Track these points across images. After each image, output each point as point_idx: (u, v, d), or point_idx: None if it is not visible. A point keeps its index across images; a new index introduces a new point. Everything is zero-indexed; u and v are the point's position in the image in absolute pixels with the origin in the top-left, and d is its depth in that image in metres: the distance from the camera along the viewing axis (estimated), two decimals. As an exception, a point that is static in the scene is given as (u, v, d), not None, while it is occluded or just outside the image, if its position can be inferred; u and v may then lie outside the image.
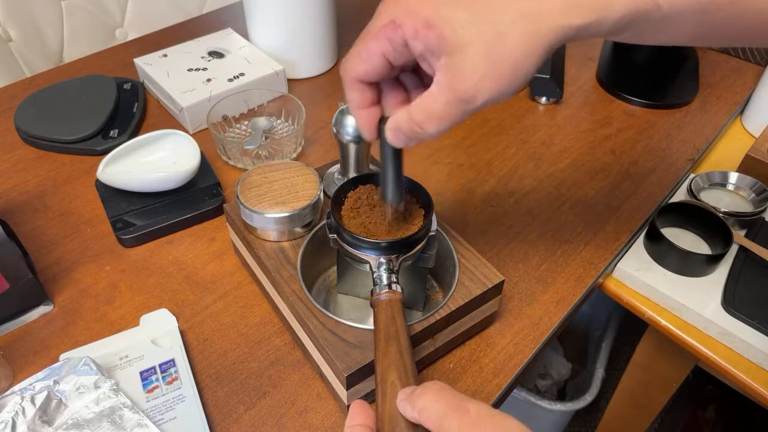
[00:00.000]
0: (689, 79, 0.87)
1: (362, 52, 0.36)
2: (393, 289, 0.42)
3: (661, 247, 0.61)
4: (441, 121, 0.35)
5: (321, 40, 0.84)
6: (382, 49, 0.35)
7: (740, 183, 0.68)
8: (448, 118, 0.35)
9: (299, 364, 0.51)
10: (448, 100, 0.34)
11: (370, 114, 0.39)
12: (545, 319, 0.55)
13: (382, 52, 0.35)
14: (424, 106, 0.35)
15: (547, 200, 0.68)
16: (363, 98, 0.38)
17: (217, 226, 0.63)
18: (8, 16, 0.99)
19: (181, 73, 0.78)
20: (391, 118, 0.38)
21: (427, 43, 0.33)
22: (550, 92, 0.81)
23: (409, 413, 0.33)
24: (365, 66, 0.36)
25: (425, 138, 0.37)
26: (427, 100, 0.35)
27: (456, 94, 0.34)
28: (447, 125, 0.36)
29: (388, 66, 0.36)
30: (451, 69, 0.33)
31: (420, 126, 0.36)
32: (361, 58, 0.36)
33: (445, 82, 0.34)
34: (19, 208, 0.65)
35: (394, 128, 0.38)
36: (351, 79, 0.38)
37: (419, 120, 0.36)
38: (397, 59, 0.36)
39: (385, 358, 0.37)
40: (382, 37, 0.35)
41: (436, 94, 0.35)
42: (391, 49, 0.35)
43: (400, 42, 0.34)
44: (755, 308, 0.57)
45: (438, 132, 0.36)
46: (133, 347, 0.51)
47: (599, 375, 1.01)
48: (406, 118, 0.36)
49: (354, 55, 0.37)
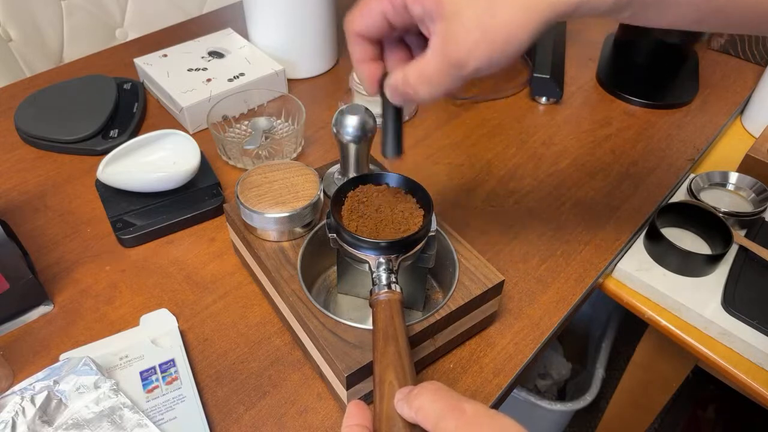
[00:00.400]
0: (689, 79, 0.87)
1: (364, 10, 0.38)
2: (392, 289, 0.42)
3: (661, 247, 0.61)
4: (433, 85, 0.36)
5: (321, 40, 0.84)
6: (382, 8, 0.37)
7: (740, 183, 0.68)
8: (439, 83, 0.36)
9: (299, 364, 0.51)
10: (440, 64, 0.35)
11: (371, 69, 0.41)
12: (545, 319, 0.55)
13: (383, 11, 0.37)
14: (418, 68, 0.37)
15: (547, 200, 0.68)
16: (363, 52, 0.40)
17: (217, 226, 0.63)
18: (8, 16, 0.99)
19: (181, 73, 0.78)
20: (389, 76, 0.39)
21: (425, 7, 0.35)
22: (550, 92, 0.81)
23: (406, 413, 0.33)
24: (366, 22, 0.38)
25: (418, 101, 0.38)
26: (420, 63, 0.36)
27: (448, 59, 0.35)
28: (438, 90, 0.36)
29: (388, 25, 0.38)
30: (445, 34, 0.34)
31: (412, 88, 0.37)
32: (362, 14, 0.38)
33: (439, 47, 0.35)
34: (19, 208, 0.65)
35: (391, 87, 0.39)
36: (352, 34, 0.39)
37: (412, 81, 0.37)
38: (397, 20, 0.37)
39: (384, 358, 0.37)
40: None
41: (429, 58, 0.36)
42: (391, 10, 0.36)
43: (400, 4, 0.36)
44: (755, 308, 0.57)
45: (429, 96, 0.37)
46: (133, 347, 0.51)
47: (599, 375, 1.01)
48: (401, 79, 0.38)
49: (356, 12, 0.38)
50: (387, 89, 0.40)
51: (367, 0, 0.37)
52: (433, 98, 0.37)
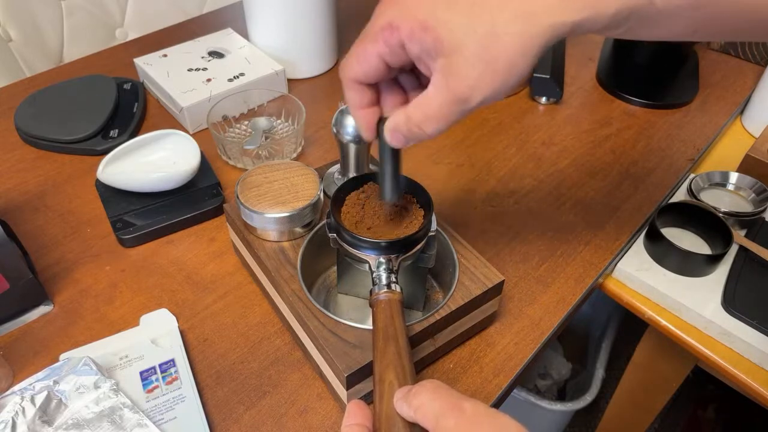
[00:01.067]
0: (689, 79, 0.87)
1: (360, 54, 0.37)
2: (392, 289, 0.42)
3: (661, 247, 0.61)
4: (438, 122, 0.36)
5: (321, 40, 0.84)
6: (379, 51, 0.36)
7: (740, 183, 0.68)
8: (445, 119, 0.36)
9: (299, 364, 0.51)
10: (444, 100, 0.35)
11: (369, 114, 0.40)
12: (545, 319, 0.55)
13: (380, 54, 0.36)
14: (422, 106, 0.36)
15: (547, 200, 0.68)
16: (361, 99, 0.39)
17: (217, 226, 0.63)
18: (8, 16, 0.99)
19: (181, 73, 0.78)
20: (390, 119, 0.38)
21: (423, 45, 0.34)
22: (550, 92, 0.81)
23: (406, 412, 0.33)
24: (363, 67, 0.37)
25: (423, 138, 0.37)
26: (424, 101, 0.36)
27: (452, 94, 0.34)
28: (444, 125, 0.36)
29: (386, 67, 0.37)
30: (447, 70, 0.34)
31: (418, 126, 0.37)
32: (359, 59, 0.37)
33: (442, 83, 0.34)
34: (19, 208, 0.65)
35: (393, 129, 0.38)
36: (349, 80, 0.38)
37: (417, 120, 0.36)
38: (395, 61, 0.36)
39: (384, 358, 0.37)
40: (379, 40, 0.35)
41: (433, 95, 0.35)
42: (388, 51, 0.36)
43: (397, 44, 0.35)
44: (755, 308, 0.57)
45: (436, 132, 0.37)
46: (133, 347, 0.51)
47: (599, 375, 1.01)
48: (404, 119, 0.37)
49: (352, 57, 0.37)
50: (387, 133, 0.39)
51: (362, 43, 0.37)
52: (439, 133, 0.37)
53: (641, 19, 0.33)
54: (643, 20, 0.34)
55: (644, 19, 0.33)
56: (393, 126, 0.38)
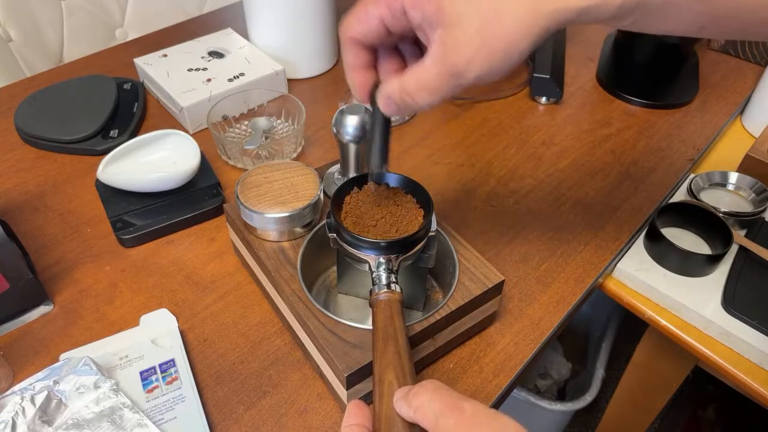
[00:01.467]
0: (689, 79, 0.87)
1: (361, 14, 0.37)
2: (392, 289, 0.42)
3: (661, 247, 0.61)
4: (431, 93, 0.36)
5: (321, 40, 0.84)
6: (380, 13, 0.36)
7: (740, 183, 0.68)
8: (438, 91, 0.35)
9: (299, 364, 0.51)
10: (439, 72, 0.35)
11: (364, 76, 0.40)
12: (545, 319, 0.55)
13: (381, 17, 0.36)
14: (416, 76, 0.36)
15: (547, 200, 0.68)
16: (358, 59, 0.39)
17: (217, 226, 0.63)
18: (8, 16, 0.99)
19: (181, 73, 0.78)
20: (383, 85, 0.38)
21: (425, 13, 0.34)
22: (550, 92, 0.81)
23: (405, 412, 0.33)
24: (362, 27, 0.37)
25: (415, 109, 0.37)
26: (419, 71, 0.36)
27: (448, 67, 0.34)
28: (437, 98, 0.36)
29: (386, 31, 0.37)
30: (445, 42, 0.34)
31: (411, 96, 0.36)
32: (359, 19, 0.37)
33: (439, 55, 0.34)
34: (19, 208, 0.65)
35: (386, 96, 0.38)
36: (348, 39, 0.38)
37: (410, 90, 0.36)
38: (395, 26, 0.36)
39: (383, 358, 0.37)
40: (381, 3, 0.35)
41: (429, 66, 0.35)
42: (389, 15, 0.36)
43: (399, 9, 0.35)
44: (755, 308, 0.57)
45: (428, 104, 0.36)
46: (133, 347, 0.51)
47: (599, 375, 1.01)
48: (398, 87, 0.37)
49: (352, 16, 0.37)
50: (380, 99, 0.39)
51: (364, 4, 0.37)
52: (431, 106, 0.37)
53: (648, 11, 0.33)
54: (650, 12, 0.33)
55: (651, 11, 0.33)
56: (386, 93, 0.38)
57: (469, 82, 0.34)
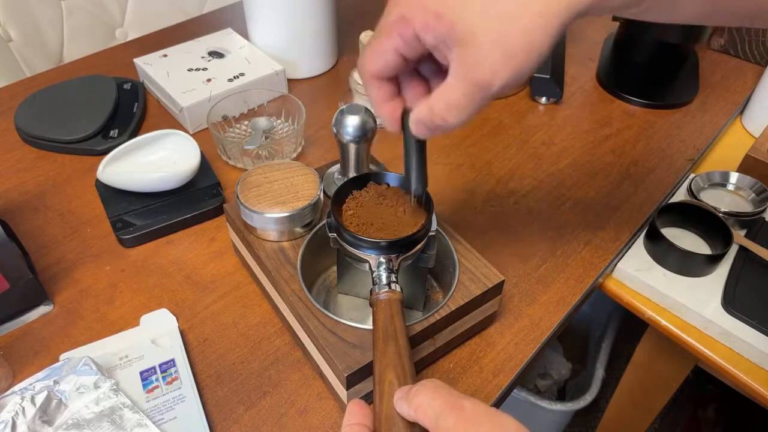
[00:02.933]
0: (689, 79, 0.87)
1: (376, 50, 0.37)
2: (392, 288, 0.42)
3: (661, 247, 0.61)
4: (461, 111, 0.36)
5: (321, 40, 0.84)
6: (394, 45, 0.36)
7: (740, 183, 0.68)
8: (468, 107, 0.35)
9: (299, 364, 0.51)
10: (466, 89, 0.34)
11: (392, 107, 0.40)
12: (545, 319, 0.55)
13: (395, 48, 0.36)
14: (444, 97, 0.36)
15: (547, 200, 0.68)
16: (382, 93, 0.39)
17: (217, 226, 0.63)
18: (8, 16, 0.99)
19: (181, 73, 0.78)
20: (413, 111, 0.38)
21: (437, 34, 0.34)
22: (550, 92, 0.81)
23: (406, 411, 0.33)
24: (380, 62, 0.37)
25: (448, 129, 0.37)
26: (445, 92, 0.36)
27: (473, 82, 0.34)
28: (468, 114, 0.36)
29: (403, 60, 0.37)
30: (464, 58, 0.34)
31: (441, 118, 0.36)
32: (376, 55, 0.37)
33: (461, 73, 0.34)
34: (19, 208, 0.65)
35: (417, 121, 0.38)
36: (369, 76, 0.38)
37: (440, 112, 0.36)
38: (411, 53, 0.36)
39: (383, 357, 0.37)
40: (393, 34, 0.35)
41: (454, 85, 0.35)
42: (403, 44, 0.36)
43: (411, 36, 0.35)
44: (755, 308, 0.57)
45: (459, 122, 0.36)
46: (133, 347, 0.51)
47: (599, 375, 1.01)
48: (427, 111, 0.37)
49: (368, 53, 0.37)
50: (412, 125, 0.39)
51: (377, 40, 0.37)
52: (464, 123, 0.36)
53: None
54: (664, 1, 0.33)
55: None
56: (417, 118, 0.38)
57: (497, 92, 0.34)
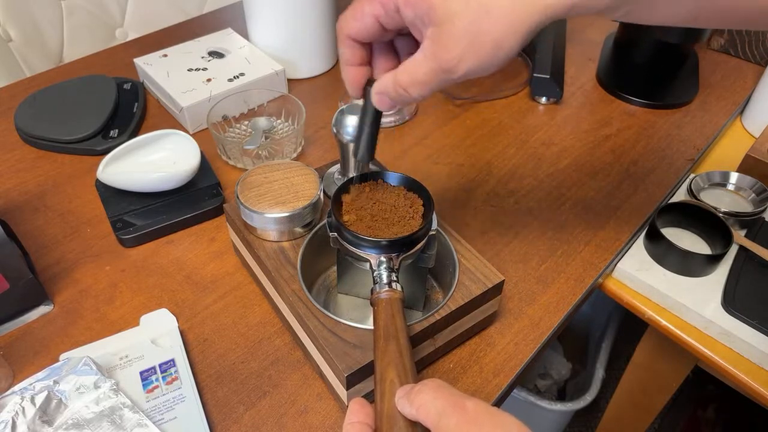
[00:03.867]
0: (689, 79, 0.87)
1: (357, 12, 0.38)
2: (393, 287, 0.42)
3: (661, 247, 0.61)
4: (423, 87, 0.38)
5: (321, 40, 0.84)
6: (375, 11, 0.37)
7: (740, 183, 0.68)
8: (429, 85, 0.37)
9: (299, 364, 0.51)
10: (431, 68, 0.36)
11: (359, 72, 0.42)
12: (545, 319, 0.55)
13: (375, 15, 0.37)
14: (409, 70, 0.38)
15: (547, 200, 0.68)
16: (353, 55, 0.41)
17: (217, 226, 0.63)
18: (8, 16, 0.99)
19: (181, 73, 0.78)
20: (378, 81, 0.40)
21: (417, 11, 0.35)
22: (550, 92, 0.81)
23: (407, 410, 0.33)
24: (358, 25, 0.39)
25: (408, 101, 0.39)
26: (411, 66, 0.37)
27: (438, 63, 0.36)
28: (428, 91, 0.38)
29: (380, 28, 0.38)
30: (436, 39, 0.35)
31: (404, 89, 0.38)
32: (355, 17, 0.39)
33: (430, 51, 0.36)
34: (19, 208, 0.65)
35: (380, 92, 0.40)
36: (344, 36, 0.40)
37: (404, 83, 0.38)
38: (389, 23, 0.38)
39: (384, 356, 0.37)
40: (376, 1, 0.37)
41: (421, 61, 0.37)
42: (383, 13, 0.37)
43: (393, 8, 0.36)
44: (755, 308, 0.57)
45: (420, 96, 0.38)
46: (133, 347, 0.51)
47: (599, 375, 1.01)
48: (391, 82, 0.39)
49: (348, 14, 0.39)
50: (375, 95, 0.41)
51: (360, 3, 0.38)
52: (423, 98, 0.39)
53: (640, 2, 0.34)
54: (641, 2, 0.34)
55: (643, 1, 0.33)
56: (381, 88, 0.40)
57: (460, 78, 0.36)
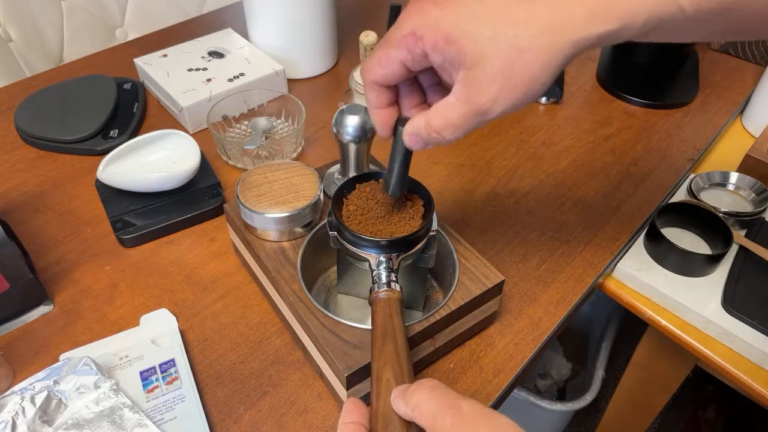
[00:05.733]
0: (689, 79, 0.87)
1: (382, 59, 0.37)
2: (392, 287, 0.42)
3: (661, 247, 0.61)
4: (457, 130, 0.37)
5: (321, 40, 0.84)
6: (401, 57, 0.37)
7: (740, 183, 0.68)
8: (464, 127, 0.37)
9: (299, 364, 0.51)
10: (464, 112, 0.36)
11: (387, 114, 0.41)
12: (545, 319, 0.55)
13: (402, 60, 0.37)
14: (442, 115, 0.37)
15: (547, 200, 0.68)
16: (381, 99, 0.40)
17: (217, 226, 0.63)
18: (8, 16, 0.99)
19: (181, 73, 0.78)
20: (410, 123, 0.39)
21: (446, 56, 0.35)
22: (550, 92, 0.81)
23: (403, 410, 0.33)
24: (384, 71, 0.38)
25: (442, 143, 0.39)
26: (444, 110, 0.37)
27: (473, 107, 0.35)
28: (462, 133, 0.37)
29: (407, 72, 0.38)
30: (468, 82, 0.35)
31: (438, 132, 0.38)
32: (381, 63, 0.38)
33: (463, 95, 0.35)
34: (19, 208, 0.65)
35: (413, 133, 0.39)
36: (370, 82, 0.39)
37: (437, 127, 0.38)
38: (416, 67, 0.37)
39: (381, 356, 0.37)
40: (402, 47, 0.36)
41: (454, 105, 0.36)
42: (410, 58, 0.36)
43: (420, 53, 0.36)
44: (755, 308, 0.57)
45: (454, 139, 0.38)
46: (133, 347, 0.51)
47: (599, 375, 1.01)
48: (424, 125, 0.38)
49: (374, 60, 0.38)
50: (407, 136, 0.40)
51: (386, 47, 0.37)
52: (457, 140, 0.38)
53: (670, 26, 0.33)
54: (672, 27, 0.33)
55: (674, 25, 0.33)
56: (413, 130, 0.39)
57: (494, 117, 0.36)
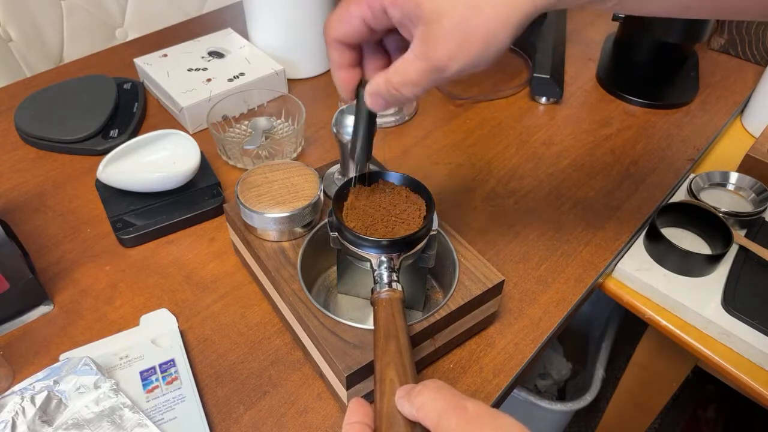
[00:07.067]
0: (689, 79, 0.87)
1: (342, 15, 0.38)
2: (393, 287, 0.42)
3: (661, 247, 0.61)
4: (415, 86, 0.37)
5: (321, 40, 0.83)
6: (362, 13, 0.37)
7: (740, 183, 0.68)
8: (421, 84, 0.37)
9: (299, 364, 0.51)
10: (422, 67, 0.36)
11: (349, 74, 0.41)
12: (545, 319, 0.55)
13: (362, 17, 0.37)
14: (400, 71, 0.37)
15: (547, 200, 0.68)
16: (342, 58, 0.40)
17: (217, 226, 0.63)
18: (8, 16, 0.99)
19: (181, 73, 0.78)
20: (370, 83, 0.40)
21: (405, 11, 0.35)
22: (550, 92, 0.81)
23: (407, 410, 0.33)
24: (345, 28, 0.38)
25: (402, 101, 0.39)
26: (402, 66, 0.37)
27: (430, 62, 0.35)
28: (421, 90, 0.37)
29: (368, 30, 0.38)
30: (426, 38, 0.35)
31: (396, 89, 0.38)
32: (341, 20, 0.38)
33: (421, 51, 0.36)
34: (19, 208, 0.65)
35: (373, 93, 0.39)
36: (331, 40, 0.39)
37: (396, 84, 0.38)
38: (377, 24, 0.37)
39: (384, 356, 0.37)
40: (362, 2, 0.36)
41: (412, 61, 0.36)
42: (370, 15, 0.37)
43: (380, 8, 0.36)
44: (755, 308, 0.57)
45: (413, 95, 0.38)
46: (133, 347, 0.51)
47: (599, 375, 1.01)
48: (384, 83, 0.38)
49: (335, 17, 0.38)
50: (368, 97, 0.40)
51: (346, 5, 0.38)
52: (416, 97, 0.38)
53: None
54: None
55: None
56: (373, 90, 0.39)
57: (452, 75, 0.36)
